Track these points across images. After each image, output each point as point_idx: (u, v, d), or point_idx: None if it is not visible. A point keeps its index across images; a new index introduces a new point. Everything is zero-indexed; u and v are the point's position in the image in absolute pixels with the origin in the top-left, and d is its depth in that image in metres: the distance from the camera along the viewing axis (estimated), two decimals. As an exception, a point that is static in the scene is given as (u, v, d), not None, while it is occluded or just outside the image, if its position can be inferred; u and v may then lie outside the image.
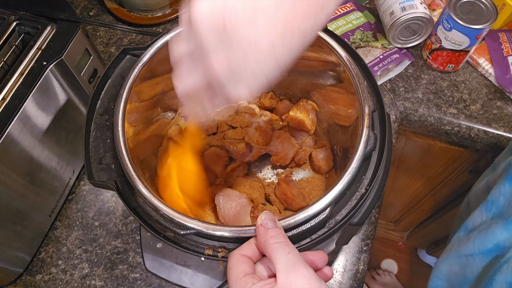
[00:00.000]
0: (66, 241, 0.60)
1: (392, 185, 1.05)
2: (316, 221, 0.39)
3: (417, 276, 1.50)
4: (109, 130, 0.46)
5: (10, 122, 0.47)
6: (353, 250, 0.59)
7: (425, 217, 1.18)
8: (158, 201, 0.39)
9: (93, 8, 0.82)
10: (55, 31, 0.54)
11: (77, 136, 0.60)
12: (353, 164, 0.40)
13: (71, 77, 0.56)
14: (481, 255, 0.45)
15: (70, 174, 0.62)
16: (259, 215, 0.36)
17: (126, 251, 0.59)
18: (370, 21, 0.78)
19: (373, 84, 0.48)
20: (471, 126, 0.69)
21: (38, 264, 0.59)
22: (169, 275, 0.45)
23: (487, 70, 0.72)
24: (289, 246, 0.33)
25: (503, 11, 0.71)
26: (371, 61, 0.72)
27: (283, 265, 0.32)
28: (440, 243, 1.26)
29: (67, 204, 0.63)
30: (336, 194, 0.39)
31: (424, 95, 0.71)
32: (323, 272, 0.37)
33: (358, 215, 0.41)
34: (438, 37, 0.68)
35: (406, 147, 0.86)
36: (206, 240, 0.40)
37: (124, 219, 0.61)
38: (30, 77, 0.50)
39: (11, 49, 0.51)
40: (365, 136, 0.42)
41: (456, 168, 0.87)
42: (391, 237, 1.46)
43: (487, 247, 0.45)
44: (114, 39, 0.78)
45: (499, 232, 0.44)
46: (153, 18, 0.79)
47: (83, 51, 0.57)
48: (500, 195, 0.47)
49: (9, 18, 0.53)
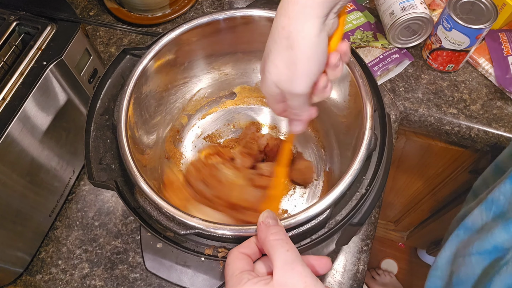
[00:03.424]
0: (66, 241, 0.60)
1: (392, 185, 1.05)
2: (316, 221, 0.39)
3: (417, 276, 1.50)
4: (109, 130, 0.46)
5: (10, 122, 0.47)
6: (353, 250, 0.59)
7: (425, 217, 1.18)
8: (159, 198, 0.39)
9: (93, 8, 0.82)
10: (55, 31, 0.54)
11: (77, 136, 0.60)
12: (355, 165, 0.40)
13: (71, 77, 0.56)
14: (481, 256, 0.45)
15: (70, 174, 0.62)
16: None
17: (126, 251, 0.59)
18: (370, 21, 0.78)
19: (373, 84, 0.48)
20: (471, 126, 0.69)
21: (38, 264, 0.59)
22: (169, 275, 0.45)
23: (487, 70, 0.72)
24: (288, 244, 0.34)
25: (503, 11, 0.71)
26: (371, 61, 0.72)
27: (280, 262, 0.32)
28: (440, 243, 1.26)
29: (67, 204, 0.63)
30: (338, 195, 0.39)
31: (424, 95, 0.71)
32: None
33: (358, 215, 0.41)
34: (438, 37, 0.68)
35: (406, 147, 0.86)
36: (207, 240, 0.40)
37: (124, 219, 0.61)
38: (30, 77, 0.50)
39: (11, 49, 0.51)
40: (368, 137, 0.42)
41: (456, 168, 0.87)
42: (391, 237, 1.46)
43: (487, 248, 0.44)
44: (114, 39, 0.78)
45: (498, 234, 0.44)
46: (153, 18, 0.79)
47: (83, 51, 0.57)
48: (500, 194, 0.47)
49: (9, 18, 0.53)
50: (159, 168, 0.55)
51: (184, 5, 0.80)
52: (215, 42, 0.55)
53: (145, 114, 0.52)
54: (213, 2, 0.83)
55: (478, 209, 0.50)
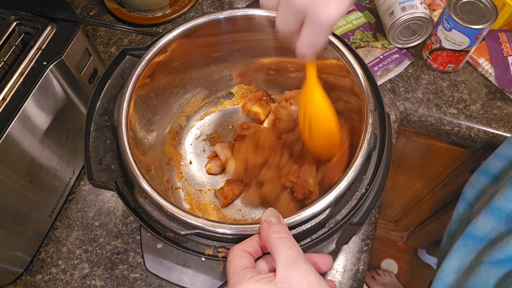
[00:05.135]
0: (66, 241, 0.60)
1: (392, 185, 1.05)
2: (316, 221, 0.39)
3: (417, 276, 1.50)
4: (109, 131, 0.46)
5: (10, 122, 0.47)
6: (353, 250, 0.59)
7: (425, 217, 1.18)
8: (161, 198, 0.39)
9: (93, 8, 0.82)
10: (55, 31, 0.54)
11: (77, 136, 0.60)
12: (357, 161, 0.40)
13: (71, 77, 0.56)
14: (494, 266, 0.44)
15: (70, 174, 0.62)
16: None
17: (126, 251, 0.59)
18: (370, 21, 0.78)
19: (373, 84, 0.48)
20: (471, 126, 0.69)
21: (38, 264, 0.59)
22: (169, 276, 0.45)
23: (487, 70, 0.72)
24: (291, 242, 0.34)
25: (503, 11, 0.71)
26: (371, 61, 0.72)
27: (283, 260, 0.32)
28: (440, 243, 1.26)
29: (67, 204, 0.63)
30: (338, 194, 0.39)
31: (424, 95, 0.71)
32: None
33: (358, 215, 0.41)
34: (438, 37, 0.68)
35: (406, 147, 0.86)
36: (207, 240, 0.40)
37: (124, 219, 0.61)
38: (30, 77, 0.50)
39: (11, 49, 0.51)
40: (369, 133, 0.42)
41: (456, 168, 0.87)
42: (391, 237, 1.46)
43: (500, 258, 0.43)
44: (114, 39, 0.78)
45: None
46: (153, 18, 0.79)
47: (83, 51, 0.57)
48: (507, 201, 0.47)
49: (9, 18, 0.53)
50: (159, 171, 0.55)
51: (184, 5, 0.80)
52: (214, 42, 0.55)
53: (145, 115, 0.52)
54: (213, 2, 0.83)
55: (484, 217, 0.49)
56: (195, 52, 0.55)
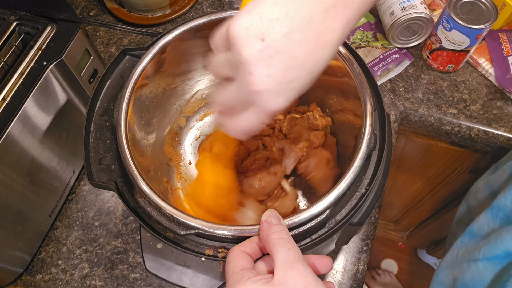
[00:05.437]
0: (66, 241, 0.60)
1: (392, 185, 1.05)
2: (316, 221, 0.39)
3: (417, 276, 1.50)
4: (109, 131, 0.46)
5: (10, 122, 0.47)
6: (353, 250, 0.59)
7: (425, 217, 1.18)
8: (159, 199, 0.39)
9: (93, 8, 0.82)
10: (55, 31, 0.54)
11: (77, 136, 0.60)
12: (356, 162, 0.40)
13: (71, 77, 0.56)
14: (490, 262, 0.44)
15: (70, 174, 0.62)
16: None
17: (126, 251, 0.59)
18: (370, 21, 0.78)
19: (373, 84, 0.48)
20: (471, 126, 0.69)
21: (38, 264, 0.59)
22: (169, 276, 0.45)
23: (487, 70, 0.72)
24: (290, 243, 0.34)
25: (503, 11, 0.71)
26: (371, 61, 0.72)
27: (282, 261, 0.32)
28: (440, 243, 1.26)
29: (67, 204, 0.63)
30: (338, 194, 0.39)
31: (424, 95, 0.71)
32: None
33: (358, 215, 0.41)
34: (438, 37, 0.68)
35: (406, 147, 0.86)
36: (207, 241, 0.40)
37: (124, 219, 0.61)
38: (30, 77, 0.50)
39: (11, 49, 0.51)
40: (368, 134, 0.42)
41: (456, 168, 0.87)
42: (391, 237, 1.46)
43: (496, 254, 0.44)
44: (114, 39, 0.78)
45: (509, 239, 0.43)
46: (153, 18, 0.79)
47: (83, 51, 0.57)
48: (507, 200, 0.47)
49: (9, 18, 0.53)
50: (159, 171, 0.55)
51: (184, 5, 0.80)
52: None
53: (144, 115, 0.52)
54: (213, 2, 0.83)
55: (484, 215, 0.49)
56: (194, 52, 0.55)
